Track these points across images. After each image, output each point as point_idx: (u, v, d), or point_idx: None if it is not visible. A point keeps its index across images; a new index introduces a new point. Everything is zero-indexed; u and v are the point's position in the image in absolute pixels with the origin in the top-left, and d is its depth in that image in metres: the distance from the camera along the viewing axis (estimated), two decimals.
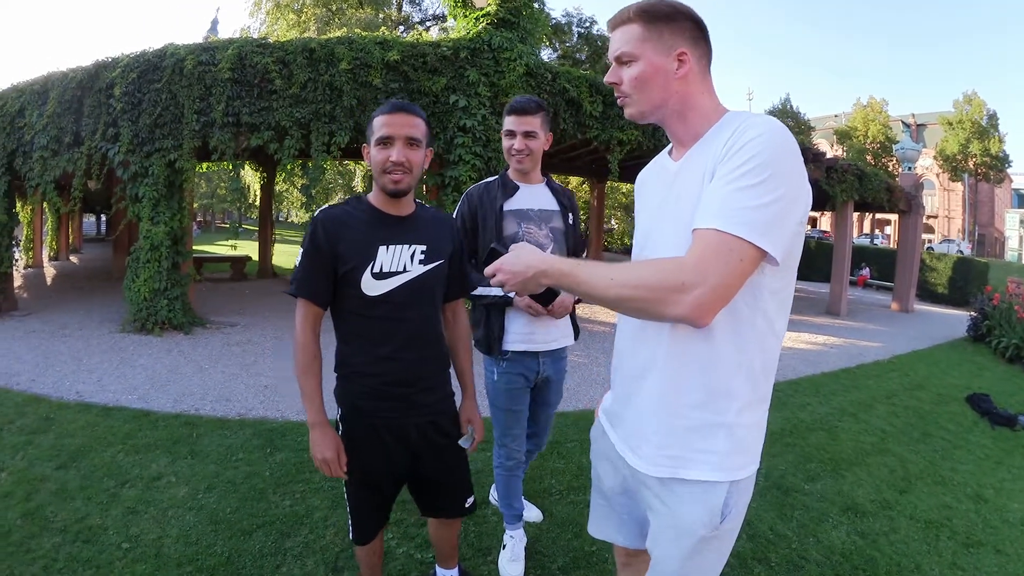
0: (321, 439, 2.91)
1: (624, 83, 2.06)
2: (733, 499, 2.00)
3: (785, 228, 1.81)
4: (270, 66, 10.92)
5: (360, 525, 3.18)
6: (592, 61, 37.86)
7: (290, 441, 6.17)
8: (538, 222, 3.88)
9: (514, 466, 4.18)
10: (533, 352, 3.96)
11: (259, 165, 21.35)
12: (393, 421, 2.99)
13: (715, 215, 1.76)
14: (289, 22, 33.43)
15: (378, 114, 2.86)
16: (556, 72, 12.54)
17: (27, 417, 6.59)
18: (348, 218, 2.91)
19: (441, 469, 3.20)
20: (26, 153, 12.53)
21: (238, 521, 4.58)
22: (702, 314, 1.73)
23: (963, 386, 10.56)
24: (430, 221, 3.12)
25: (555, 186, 4.08)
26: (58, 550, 4.12)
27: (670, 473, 2.02)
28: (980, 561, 4.71)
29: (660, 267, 1.81)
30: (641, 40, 2.00)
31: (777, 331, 2.02)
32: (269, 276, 21.60)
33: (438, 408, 3.16)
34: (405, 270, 2.91)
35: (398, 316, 2.92)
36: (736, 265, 1.73)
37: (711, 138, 1.98)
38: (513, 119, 3.83)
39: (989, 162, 55.22)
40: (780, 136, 1.81)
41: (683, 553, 2.04)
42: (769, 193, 1.75)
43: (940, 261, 29.97)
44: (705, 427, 1.98)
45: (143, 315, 11.23)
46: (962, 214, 67.84)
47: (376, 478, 3.07)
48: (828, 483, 5.93)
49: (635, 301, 1.80)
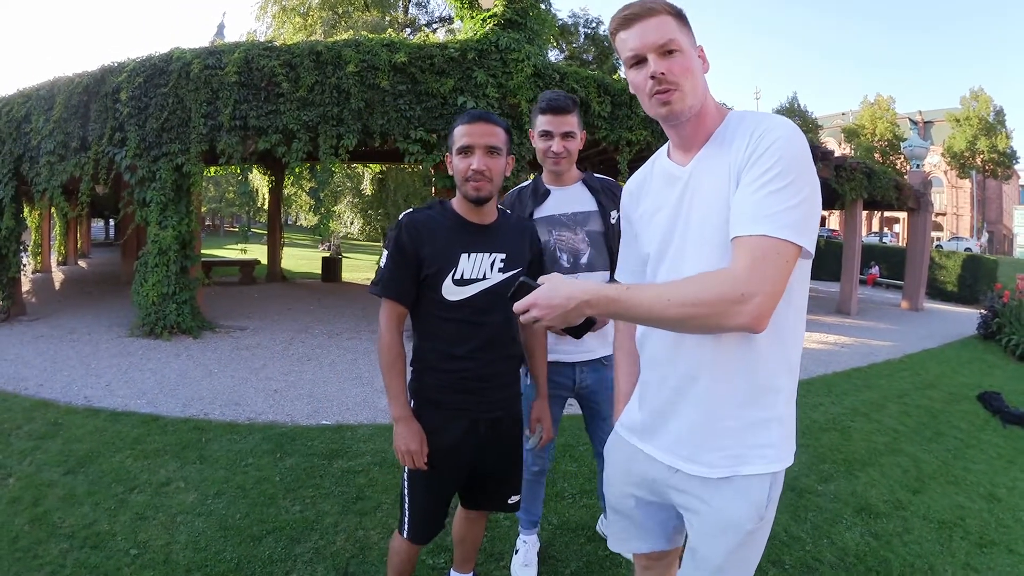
0: (407, 432, 2.95)
1: (675, 73, 1.96)
2: (775, 486, 2.04)
3: (813, 223, 1.83)
4: (277, 69, 10.93)
5: (421, 522, 3.17)
6: (599, 62, 37.77)
7: (300, 446, 6.14)
8: (572, 227, 3.74)
9: (539, 472, 4.13)
10: (567, 363, 3.85)
11: (267, 168, 21.37)
12: (465, 414, 3.05)
13: (758, 220, 1.77)
14: (295, 25, 33.37)
15: (459, 123, 2.93)
16: (564, 73, 12.49)
17: (35, 422, 6.58)
18: (432, 223, 2.97)
19: (499, 465, 3.26)
20: (33, 158, 12.56)
21: (247, 527, 4.56)
22: (762, 320, 1.74)
23: (974, 384, 10.53)
24: (511, 229, 3.16)
25: (593, 183, 3.87)
26: (65, 556, 4.10)
27: (730, 472, 2.02)
28: (993, 561, 4.68)
29: (715, 281, 1.78)
30: (679, 32, 1.97)
31: (803, 319, 2.07)
32: (278, 280, 21.63)
33: (506, 405, 3.23)
34: (485, 277, 2.97)
35: (477, 320, 2.97)
36: (784, 267, 1.76)
37: (722, 140, 1.98)
38: (549, 119, 3.66)
39: (997, 158, 55.19)
40: (798, 136, 1.85)
41: (729, 548, 2.05)
42: (798, 194, 1.77)
43: (949, 259, 29.88)
44: (759, 423, 2.00)
45: (152, 319, 11.24)
46: (970, 211, 67.71)
47: (444, 470, 3.09)
48: (842, 484, 5.90)
49: (696, 319, 1.78)
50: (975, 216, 67.31)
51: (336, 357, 10.42)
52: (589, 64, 37.14)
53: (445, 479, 3.15)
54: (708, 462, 2.05)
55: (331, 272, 23.00)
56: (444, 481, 3.15)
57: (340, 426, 6.88)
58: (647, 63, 1.98)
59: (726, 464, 2.02)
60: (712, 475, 2.05)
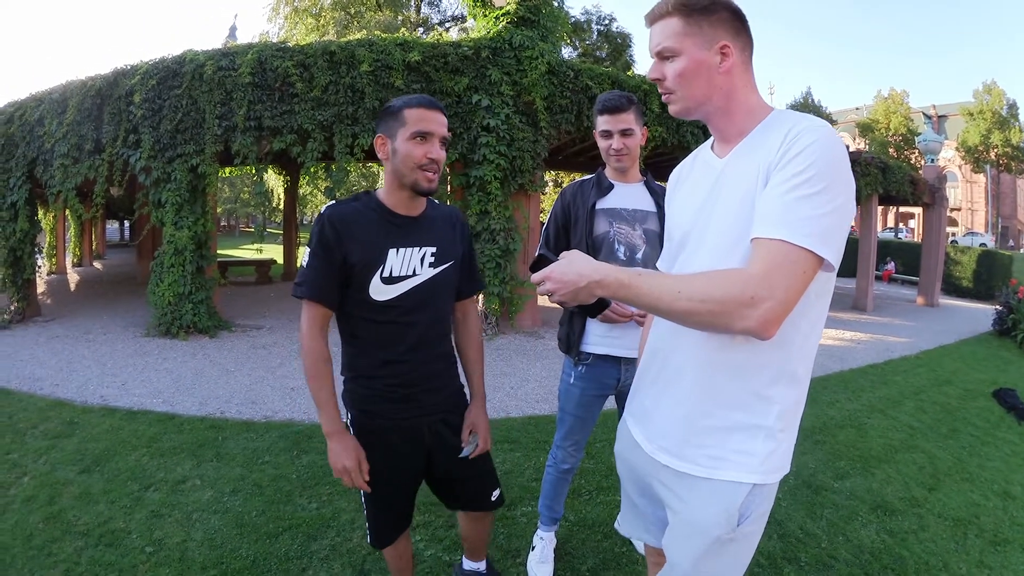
0: (340, 448, 2.77)
1: (668, 79, 2.01)
2: (755, 502, 1.98)
3: (841, 235, 1.78)
4: (290, 70, 10.95)
5: (377, 528, 3.10)
6: (613, 58, 37.81)
7: (317, 443, 6.15)
8: (631, 222, 3.76)
9: (568, 471, 4.13)
10: (614, 357, 3.82)
11: (282, 168, 21.43)
12: (404, 423, 2.92)
13: (780, 224, 1.73)
14: (308, 26, 33.42)
15: (408, 105, 2.72)
16: (578, 70, 12.53)
17: (51, 422, 6.63)
18: (358, 217, 2.79)
19: (459, 465, 3.10)
20: (47, 161, 12.59)
21: (264, 524, 4.57)
22: (769, 327, 1.70)
23: (989, 381, 10.49)
24: (441, 221, 3.03)
25: (654, 186, 3.94)
26: (80, 554, 4.13)
27: (706, 473, 2.00)
28: (1007, 559, 4.67)
29: (728, 280, 1.75)
30: (681, 34, 1.96)
31: (818, 332, 2.00)
32: (294, 279, 21.41)
33: (447, 405, 3.10)
34: (415, 274, 2.84)
35: (406, 320, 2.84)
36: (801, 276, 1.71)
37: (759, 137, 1.95)
38: (607, 118, 3.71)
39: (1011, 152, 54.95)
40: (835, 143, 1.79)
41: (696, 553, 2.03)
42: (829, 203, 1.72)
43: (964, 254, 29.74)
44: (744, 429, 1.96)
45: (168, 319, 11.29)
46: (985, 206, 67.46)
47: (390, 480, 2.94)
48: (858, 481, 5.88)
49: (703, 315, 1.75)
50: (990, 211, 67.06)
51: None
52: (603, 61, 37.14)
53: (394, 494, 3.04)
54: (688, 458, 2.05)
55: None
56: (394, 493, 3.04)
57: None
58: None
59: (705, 463, 2.01)
60: (692, 472, 2.04)
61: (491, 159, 11.49)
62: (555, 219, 3.91)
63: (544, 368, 9.90)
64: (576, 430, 4.01)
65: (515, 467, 5.65)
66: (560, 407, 4.04)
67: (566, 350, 3.93)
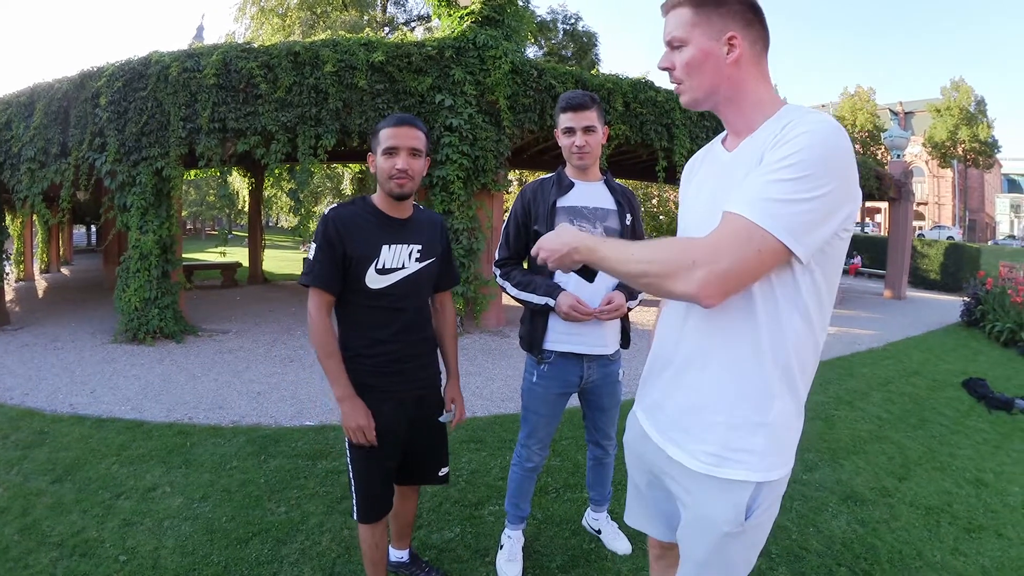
0: (352, 410, 3.18)
1: (676, 68, 2.06)
2: (762, 497, 2.01)
3: (819, 229, 1.77)
4: (255, 71, 10.90)
5: (368, 501, 3.40)
6: (578, 58, 37.94)
7: (284, 447, 6.15)
8: (592, 220, 3.82)
9: (533, 469, 4.17)
10: (576, 355, 3.88)
11: (247, 171, 21.35)
12: (394, 394, 3.34)
13: (744, 201, 1.77)
14: (274, 26, 33.30)
15: (384, 127, 3.21)
16: (542, 69, 12.58)
17: (21, 431, 6.56)
18: (357, 217, 3.25)
19: (427, 440, 3.61)
20: (14, 166, 12.46)
21: (234, 530, 4.56)
22: (708, 294, 1.74)
23: (959, 371, 10.60)
24: (425, 223, 3.50)
25: (614, 185, 4.01)
26: (56, 564, 4.10)
27: (707, 470, 2.03)
28: (982, 546, 4.71)
29: (676, 245, 1.86)
30: (691, 24, 1.99)
31: (816, 331, 2.02)
32: (260, 282, 21.62)
33: (429, 383, 3.56)
34: (404, 267, 3.31)
35: (396, 306, 3.30)
36: (752, 254, 1.73)
37: (765, 130, 1.95)
38: (570, 116, 3.81)
39: (978, 148, 55.25)
40: (833, 137, 1.78)
41: (708, 547, 2.07)
42: (806, 192, 1.72)
43: (931, 247, 30.02)
44: (746, 426, 1.98)
45: (134, 325, 11.19)
46: (952, 200, 67.95)
47: (383, 448, 3.30)
48: (826, 472, 5.93)
49: (648, 276, 1.84)
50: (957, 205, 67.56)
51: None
52: (568, 60, 37.25)
53: (384, 457, 3.38)
54: (693, 453, 2.07)
55: None
56: (383, 459, 3.38)
57: (323, 426, 6.88)
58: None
59: (707, 461, 2.03)
60: (695, 467, 2.06)
61: (454, 159, 11.53)
62: (516, 217, 3.96)
63: (509, 367, 9.94)
64: (540, 428, 4.05)
65: (481, 466, 5.66)
66: (523, 406, 4.08)
67: (528, 348, 3.97)
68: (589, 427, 4.29)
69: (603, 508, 4.57)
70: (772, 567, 4.23)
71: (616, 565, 4.20)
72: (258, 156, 11.24)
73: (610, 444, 4.30)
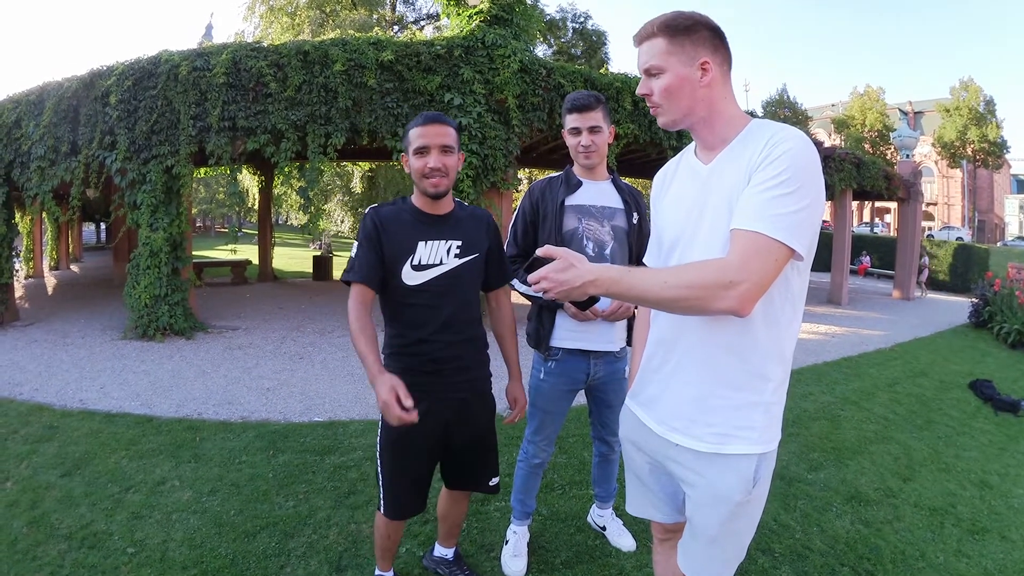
0: (380, 385, 2.95)
1: (655, 94, 2.20)
2: (763, 468, 2.22)
3: (811, 230, 2.01)
4: (264, 70, 10.95)
5: (394, 497, 3.36)
6: (588, 56, 37.85)
7: (292, 443, 6.18)
8: (599, 219, 3.85)
9: (539, 465, 4.21)
10: (583, 351, 3.93)
11: (257, 169, 21.42)
12: (429, 395, 3.16)
13: (757, 219, 1.94)
14: (283, 25, 33.19)
15: (413, 126, 3.19)
16: (551, 68, 12.54)
17: (31, 426, 6.60)
18: (395, 215, 3.26)
19: (471, 446, 3.49)
20: (24, 164, 12.52)
21: (242, 523, 4.59)
22: (745, 306, 1.91)
23: (966, 372, 10.60)
24: (467, 219, 3.44)
25: (621, 184, 4.04)
26: (64, 557, 4.13)
27: (715, 449, 2.21)
28: (985, 548, 4.72)
29: (708, 267, 1.98)
30: (666, 53, 2.15)
31: (799, 317, 2.25)
32: (269, 279, 21.61)
33: (470, 387, 3.43)
34: (441, 263, 3.23)
35: (434, 304, 3.22)
36: (773, 264, 1.93)
37: (741, 144, 2.15)
38: (576, 116, 3.83)
39: (987, 148, 54.99)
40: (809, 149, 2.01)
41: (721, 518, 2.24)
42: (800, 201, 1.95)
43: (940, 248, 29.97)
44: (746, 406, 2.18)
45: (144, 321, 11.24)
46: (961, 201, 67.69)
47: (411, 448, 3.28)
48: (831, 472, 5.94)
49: (688, 300, 1.94)
50: (966, 205, 67.30)
51: (327, 355, 10.46)
52: (578, 59, 37.17)
53: (412, 456, 3.33)
54: (698, 436, 2.24)
55: (322, 271, 22.95)
56: (412, 459, 3.33)
57: (332, 422, 6.91)
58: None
59: (713, 441, 2.20)
60: (702, 449, 2.23)
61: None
62: (523, 215, 3.99)
63: None
64: (547, 425, 4.09)
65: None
66: (530, 402, 4.08)
67: (535, 345, 4.02)
68: (595, 424, 4.33)
69: (608, 504, 4.59)
70: (776, 566, 4.25)
71: (620, 561, 4.22)
72: (268, 154, 11.27)
73: (616, 441, 4.28)
